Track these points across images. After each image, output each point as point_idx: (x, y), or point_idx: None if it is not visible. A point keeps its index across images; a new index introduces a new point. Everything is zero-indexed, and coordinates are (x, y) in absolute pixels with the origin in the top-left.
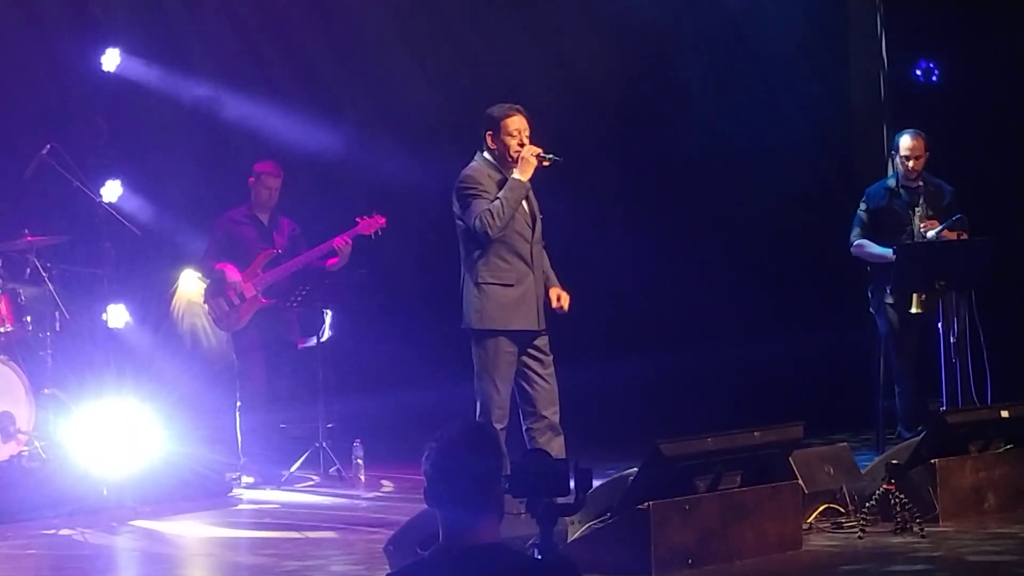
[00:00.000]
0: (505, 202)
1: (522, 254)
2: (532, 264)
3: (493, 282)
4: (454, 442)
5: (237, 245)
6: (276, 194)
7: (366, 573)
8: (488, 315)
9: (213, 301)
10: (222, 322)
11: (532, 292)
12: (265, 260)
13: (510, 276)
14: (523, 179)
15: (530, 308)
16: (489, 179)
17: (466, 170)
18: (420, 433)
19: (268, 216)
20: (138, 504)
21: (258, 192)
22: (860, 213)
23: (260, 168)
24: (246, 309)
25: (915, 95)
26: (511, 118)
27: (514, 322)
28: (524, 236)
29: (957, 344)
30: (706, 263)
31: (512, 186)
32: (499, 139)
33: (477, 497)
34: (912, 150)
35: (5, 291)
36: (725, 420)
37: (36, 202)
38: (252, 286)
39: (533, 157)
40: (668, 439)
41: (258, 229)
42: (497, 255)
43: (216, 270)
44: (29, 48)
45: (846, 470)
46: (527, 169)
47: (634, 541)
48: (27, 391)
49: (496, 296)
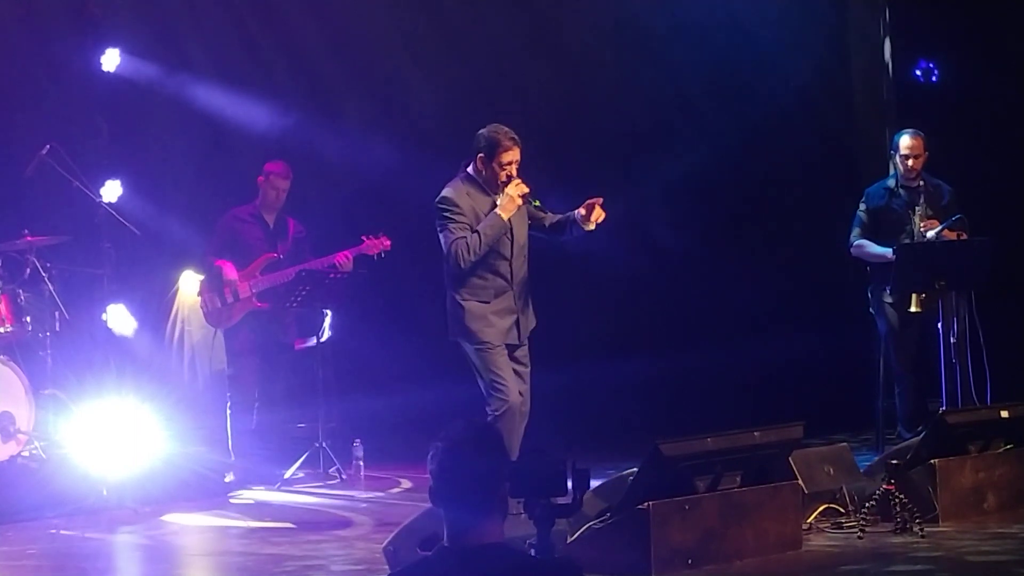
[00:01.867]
0: (483, 238)
1: (500, 271)
2: (511, 279)
3: (470, 298)
4: (459, 442)
5: (240, 244)
6: (284, 195)
7: (366, 573)
8: (466, 327)
9: (208, 295)
10: (212, 318)
11: (509, 306)
12: (265, 263)
13: (487, 293)
14: (504, 217)
15: (506, 323)
16: (467, 197)
17: (445, 190)
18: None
19: (274, 217)
20: (138, 504)
21: (266, 192)
22: (860, 213)
23: (270, 168)
24: (239, 309)
25: (915, 95)
26: (508, 151)
27: (489, 335)
28: (503, 254)
29: (957, 344)
30: (706, 263)
31: (492, 223)
32: (490, 166)
33: (481, 497)
34: (911, 149)
35: (5, 291)
36: (725, 420)
37: (36, 202)
38: (248, 287)
39: (518, 197)
40: (668, 439)
41: (263, 230)
42: (474, 273)
43: (215, 266)
44: (29, 48)
45: (846, 470)
46: (510, 208)
47: (634, 541)
48: (27, 391)
49: (473, 310)
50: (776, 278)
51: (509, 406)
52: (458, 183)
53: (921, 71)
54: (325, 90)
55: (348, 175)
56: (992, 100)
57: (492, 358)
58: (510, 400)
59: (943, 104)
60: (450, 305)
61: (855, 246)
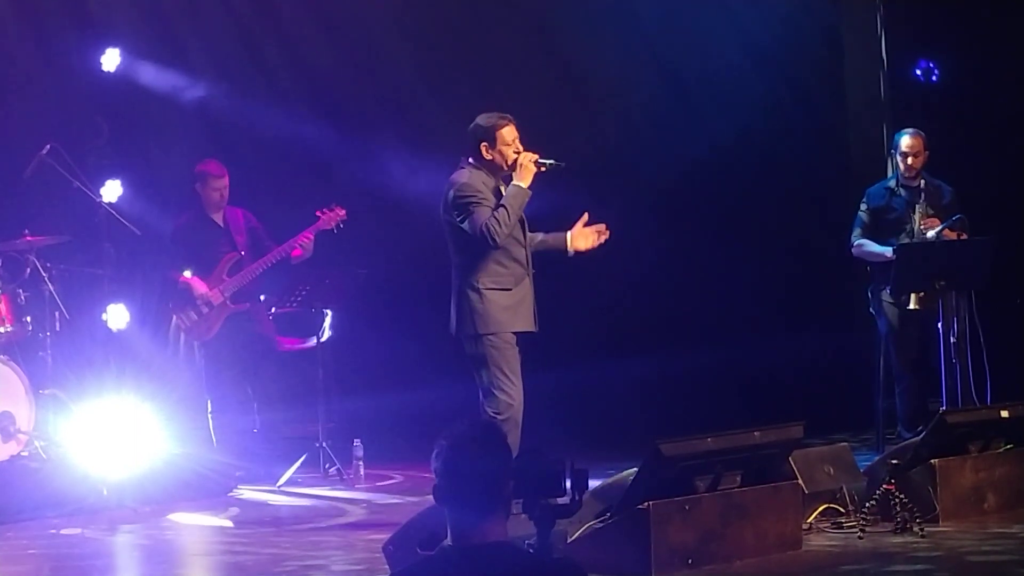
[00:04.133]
0: (509, 209)
1: (518, 258)
2: (527, 267)
3: (493, 287)
4: (463, 440)
5: (197, 252)
6: (226, 192)
7: (366, 573)
8: (492, 319)
9: (182, 313)
10: (192, 332)
11: (529, 295)
12: (229, 264)
13: (508, 280)
14: (524, 186)
15: (528, 310)
16: (485, 186)
17: (459, 178)
18: (420, 433)
19: (221, 215)
20: (138, 504)
21: (208, 195)
22: (861, 214)
23: (204, 169)
24: (215, 317)
25: (915, 95)
26: (505, 128)
27: (516, 324)
28: (519, 240)
29: (957, 344)
30: (706, 263)
31: (514, 193)
32: (495, 150)
33: (485, 496)
34: (911, 148)
35: (5, 291)
36: (725, 420)
37: (36, 202)
38: (219, 292)
39: (532, 163)
40: (668, 439)
41: (215, 232)
42: (495, 261)
43: (180, 283)
44: (29, 48)
45: (846, 470)
46: (527, 176)
47: (634, 541)
48: (27, 391)
49: (497, 300)
50: (776, 278)
51: (513, 410)
52: (468, 172)
53: (921, 71)
54: (325, 89)
55: (348, 175)
56: (992, 100)
57: (507, 356)
58: (515, 404)
59: (943, 104)
60: (469, 298)
61: (856, 246)
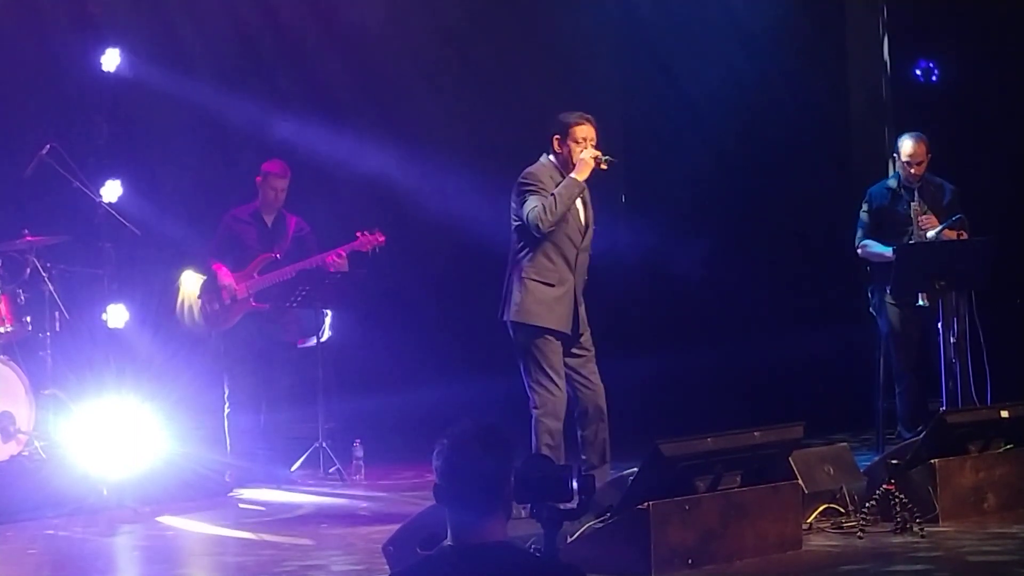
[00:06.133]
0: (559, 198)
1: (568, 257)
2: (575, 269)
3: (536, 279)
4: (465, 440)
5: (237, 245)
6: (283, 195)
7: (366, 573)
8: (525, 309)
9: (206, 297)
10: (211, 320)
11: (570, 295)
12: (262, 264)
13: (552, 276)
14: (579, 179)
15: (566, 310)
16: (550, 179)
17: (530, 168)
18: (420, 433)
19: (273, 217)
20: (138, 504)
21: (265, 192)
22: (862, 215)
23: (268, 168)
24: (236, 310)
25: (915, 95)
26: (580, 126)
27: (549, 320)
28: (573, 241)
29: (957, 344)
30: (706, 263)
31: (567, 184)
32: (565, 144)
33: (486, 496)
34: (913, 156)
35: (5, 291)
36: (725, 420)
37: (36, 202)
38: (245, 288)
39: (591, 159)
40: (668, 439)
41: (261, 230)
42: (544, 254)
43: (211, 269)
44: (29, 48)
45: (846, 470)
46: (584, 170)
47: (634, 541)
48: (27, 391)
49: (536, 292)
50: (777, 278)
51: (550, 407)
52: (540, 163)
53: (921, 71)
54: (325, 89)
55: (348, 176)
56: (992, 100)
57: (545, 351)
58: (552, 400)
59: (943, 104)
60: (513, 286)
61: (861, 247)
